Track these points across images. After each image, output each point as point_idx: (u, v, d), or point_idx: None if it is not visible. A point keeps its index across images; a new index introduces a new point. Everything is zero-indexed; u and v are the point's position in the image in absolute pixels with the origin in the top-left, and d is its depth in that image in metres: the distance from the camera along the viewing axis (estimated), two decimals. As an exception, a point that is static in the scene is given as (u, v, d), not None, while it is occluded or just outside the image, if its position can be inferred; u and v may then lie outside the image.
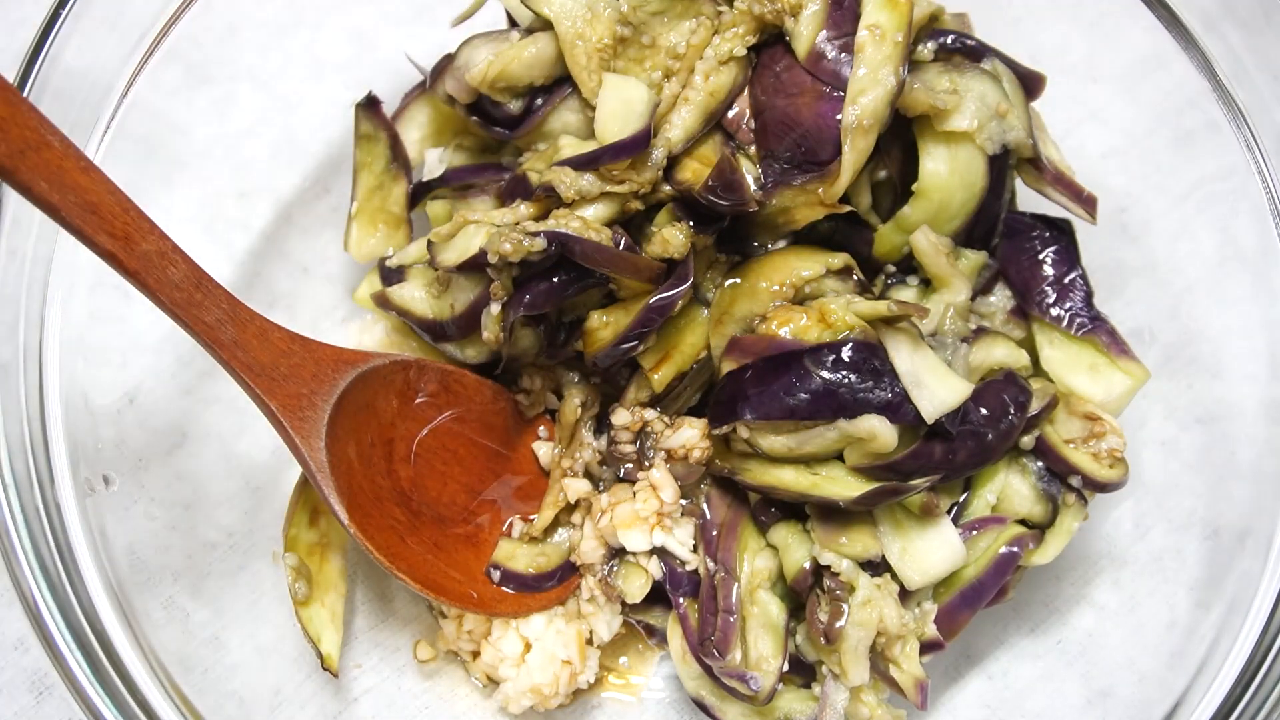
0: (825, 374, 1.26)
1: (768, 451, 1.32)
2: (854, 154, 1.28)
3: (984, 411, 1.30)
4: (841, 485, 1.30)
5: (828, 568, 1.32)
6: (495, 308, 1.32)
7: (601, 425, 1.47)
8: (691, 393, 1.44)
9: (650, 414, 1.42)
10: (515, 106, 1.39)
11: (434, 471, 1.42)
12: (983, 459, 1.32)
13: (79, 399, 1.33)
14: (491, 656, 1.43)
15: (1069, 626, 1.48)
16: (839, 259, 1.35)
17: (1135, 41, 1.48)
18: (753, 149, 1.34)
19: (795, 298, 1.34)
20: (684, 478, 1.42)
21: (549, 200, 1.33)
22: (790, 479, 1.32)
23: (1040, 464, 1.37)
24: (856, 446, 1.29)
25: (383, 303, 1.45)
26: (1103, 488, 1.36)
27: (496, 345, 1.35)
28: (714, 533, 1.38)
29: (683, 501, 1.42)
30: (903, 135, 1.35)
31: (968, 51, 1.35)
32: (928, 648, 1.35)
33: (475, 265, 1.31)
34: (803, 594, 1.35)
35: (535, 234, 1.26)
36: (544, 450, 1.49)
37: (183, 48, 1.41)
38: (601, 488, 1.46)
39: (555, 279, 1.31)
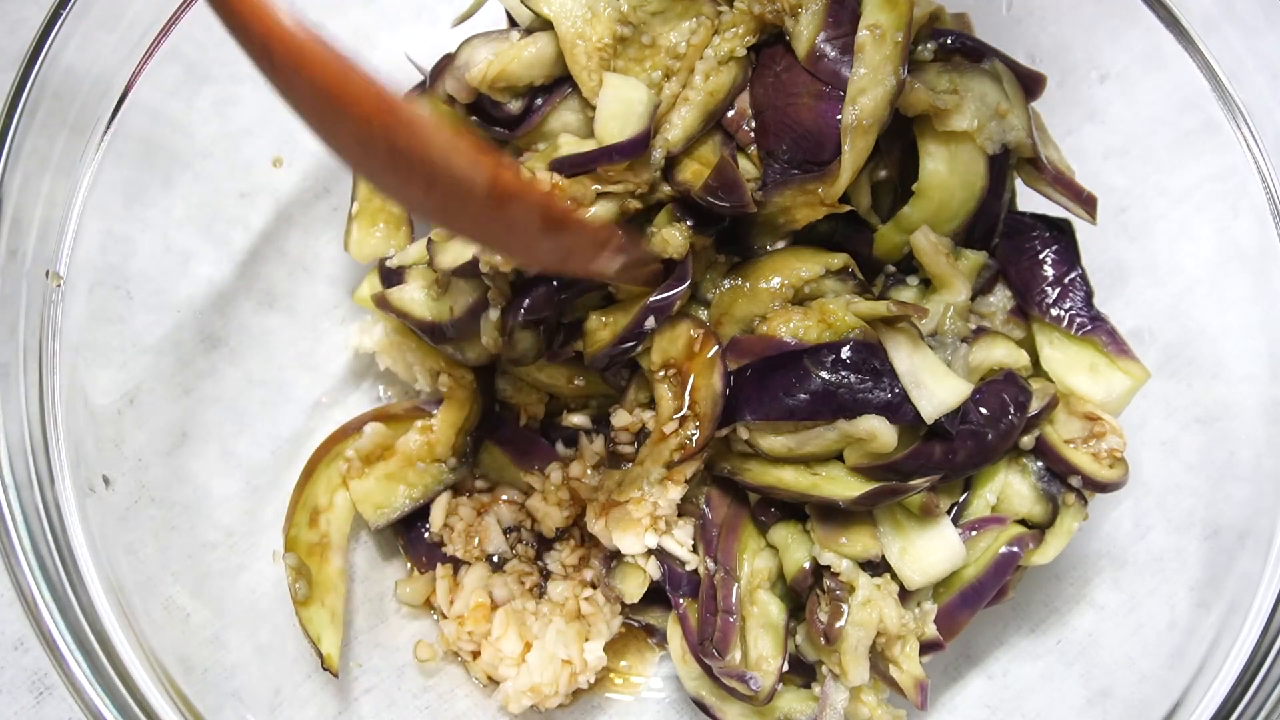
0: (825, 374, 1.26)
1: (768, 452, 1.32)
2: (854, 154, 1.27)
3: (984, 411, 1.30)
4: (841, 485, 1.30)
5: (828, 568, 1.32)
6: (494, 313, 1.32)
7: (601, 425, 1.47)
8: (691, 393, 1.44)
9: (650, 414, 1.42)
10: (515, 106, 1.38)
11: None
12: (983, 459, 1.32)
13: (79, 399, 1.33)
14: (491, 656, 1.43)
15: (1069, 626, 1.47)
16: (839, 259, 1.35)
17: (1135, 41, 1.48)
18: (753, 149, 1.34)
19: (795, 298, 1.34)
20: (684, 478, 1.42)
21: (549, 200, 1.33)
22: (790, 479, 1.32)
23: (1040, 464, 1.37)
24: (856, 446, 1.29)
25: (382, 304, 1.45)
26: (1103, 488, 1.36)
27: (496, 349, 1.35)
28: (714, 533, 1.38)
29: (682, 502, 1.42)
30: (903, 135, 1.35)
31: (968, 51, 1.35)
32: (928, 648, 1.35)
33: (471, 269, 1.31)
34: (803, 594, 1.35)
35: (534, 235, 1.26)
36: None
37: (183, 48, 1.41)
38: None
39: (554, 281, 1.31)
